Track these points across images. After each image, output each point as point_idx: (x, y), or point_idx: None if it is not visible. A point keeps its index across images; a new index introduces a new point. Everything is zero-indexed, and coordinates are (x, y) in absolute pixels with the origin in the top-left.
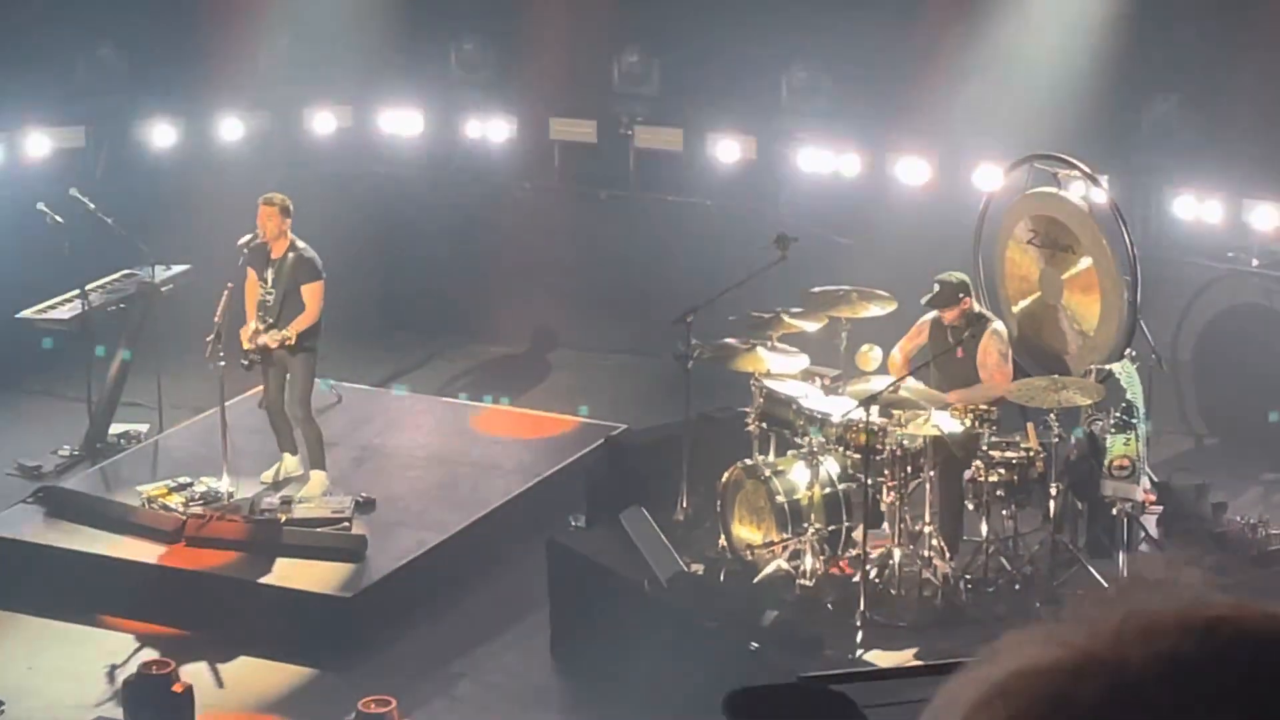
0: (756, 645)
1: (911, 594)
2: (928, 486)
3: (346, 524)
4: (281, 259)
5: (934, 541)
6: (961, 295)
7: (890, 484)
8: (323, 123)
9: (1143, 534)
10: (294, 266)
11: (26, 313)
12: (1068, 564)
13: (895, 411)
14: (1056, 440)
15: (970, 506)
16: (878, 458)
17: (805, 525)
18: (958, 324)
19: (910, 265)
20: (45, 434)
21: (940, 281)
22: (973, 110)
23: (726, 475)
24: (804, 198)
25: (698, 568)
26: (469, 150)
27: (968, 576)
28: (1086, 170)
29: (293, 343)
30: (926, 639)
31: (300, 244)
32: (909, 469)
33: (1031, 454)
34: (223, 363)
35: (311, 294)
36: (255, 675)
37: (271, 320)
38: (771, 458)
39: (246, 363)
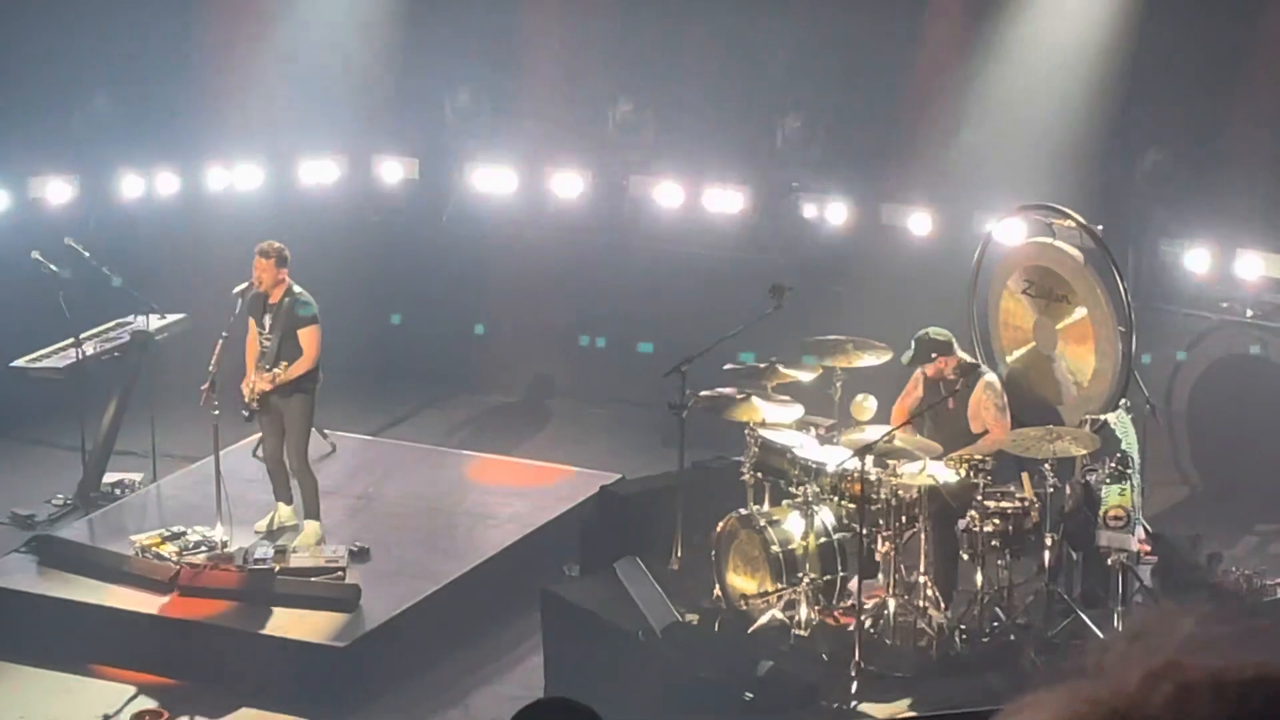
0: (751, 696)
1: (906, 644)
2: (922, 536)
3: (341, 573)
4: (278, 304)
5: (929, 591)
6: (934, 355)
7: (885, 534)
8: (318, 172)
9: (1138, 585)
10: (290, 311)
11: (20, 362)
12: (1062, 614)
13: (890, 461)
14: (1051, 490)
15: (965, 556)
16: (873, 507)
17: (800, 575)
18: (950, 376)
19: (905, 315)
20: (39, 483)
21: (916, 340)
22: (968, 160)
23: (721, 525)
24: (799, 247)
25: (692, 617)
26: (464, 199)
27: (962, 627)
28: (1081, 220)
29: (285, 381)
30: (921, 689)
31: (297, 289)
32: (904, 519)
33: (1026, 504)
34: (217, 411)
35: (308, 338)
36: None
37: (269, 365)
38: (766, 507)
39: (247, 413)
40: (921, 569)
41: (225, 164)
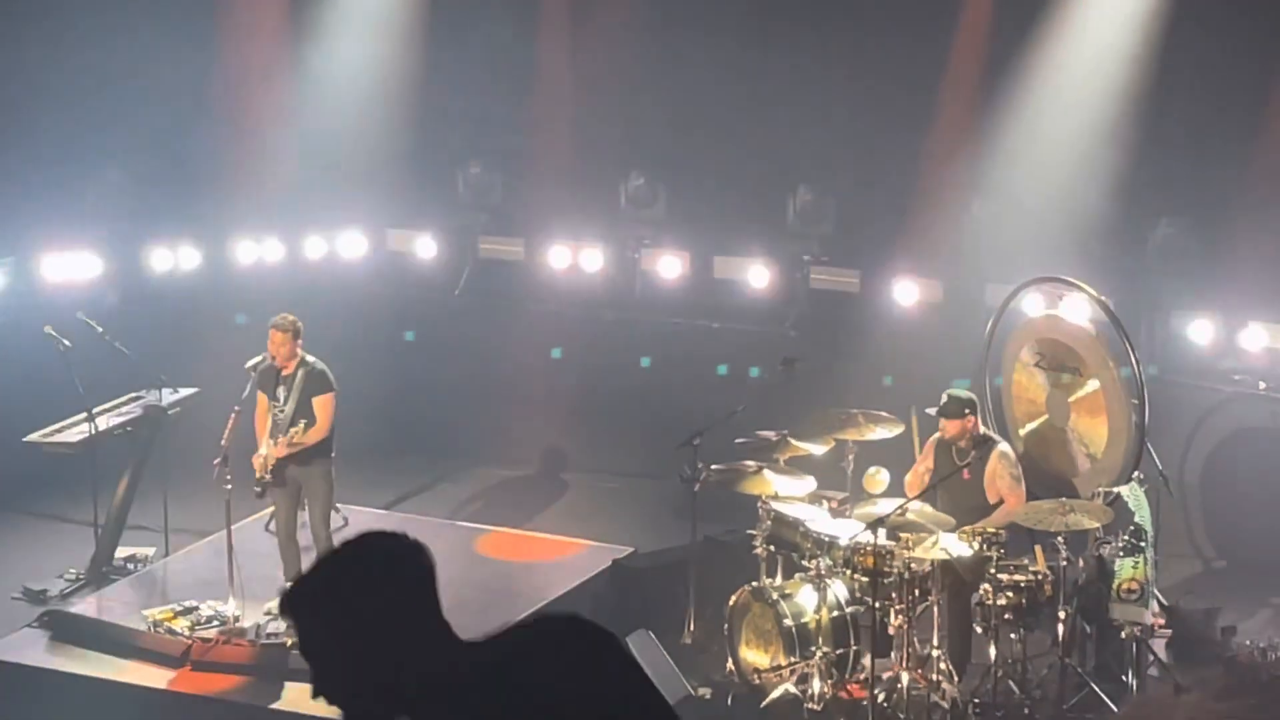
0: None
1: (920, 718)
2: (936, 610)
3: None
4: (292, 375)
5: (942, 665)
6: (967, 411)
7: (898, 607)
8: (332, 247)
9: (1152, 658)
10: (305, 380)
11: (33, 437)
12: (1076, 688)
13: (903, 534)
14: (1065, 563)
15: (979, 630)
16: (885, 581)
17: (813, 649)
18: (963, 445)
19: (917, 388)
20: (51, 557)
21: (949, 394)
22: (979, 233)
23: (734, 598)
24: (810, 319)
25: (705, 692)
26: (477, 273)
27: (976, 700)
28: (1092, 293)
29: (300, 446)
30: None
31: (310, 359)
32: (917, 592)
33: (1040, 577)
34: (229, 486)
35: (322, 406)
36: None
37: (283, 434)
38: (779, 581)
39: (260, 489)
40: (935, 642)
41: (239, 238)
